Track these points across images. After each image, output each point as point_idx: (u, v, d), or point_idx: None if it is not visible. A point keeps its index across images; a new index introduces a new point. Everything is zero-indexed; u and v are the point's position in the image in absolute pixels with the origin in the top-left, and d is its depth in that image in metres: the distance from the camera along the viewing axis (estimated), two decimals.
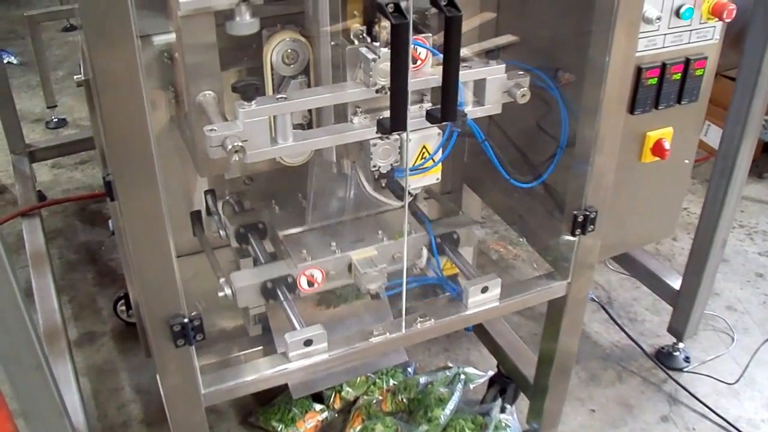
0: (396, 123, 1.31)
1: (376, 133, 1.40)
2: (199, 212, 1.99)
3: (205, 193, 1.98)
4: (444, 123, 1.46)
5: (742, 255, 3.18)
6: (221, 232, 1.90)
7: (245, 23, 1.49)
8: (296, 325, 1.62)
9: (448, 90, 1.32)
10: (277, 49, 1.55)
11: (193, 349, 1.47)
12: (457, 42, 1.29)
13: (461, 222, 1.92)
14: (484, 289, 1.73)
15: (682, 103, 1.81)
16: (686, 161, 1.96)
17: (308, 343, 1.59)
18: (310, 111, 1.61)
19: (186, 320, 1.41)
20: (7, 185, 3.56)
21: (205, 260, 1.87)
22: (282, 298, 1.71)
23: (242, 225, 1.88)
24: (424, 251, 1.84)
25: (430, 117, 1.38)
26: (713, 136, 3.21)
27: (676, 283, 2.50)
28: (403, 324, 1.68)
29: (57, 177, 3.69)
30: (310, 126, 1.62)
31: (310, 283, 1.75)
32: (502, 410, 2.27)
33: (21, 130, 3.25)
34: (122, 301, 2.68)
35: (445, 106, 1.34)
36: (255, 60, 1.61)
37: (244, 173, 1.90)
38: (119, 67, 1.11)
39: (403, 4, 1.25)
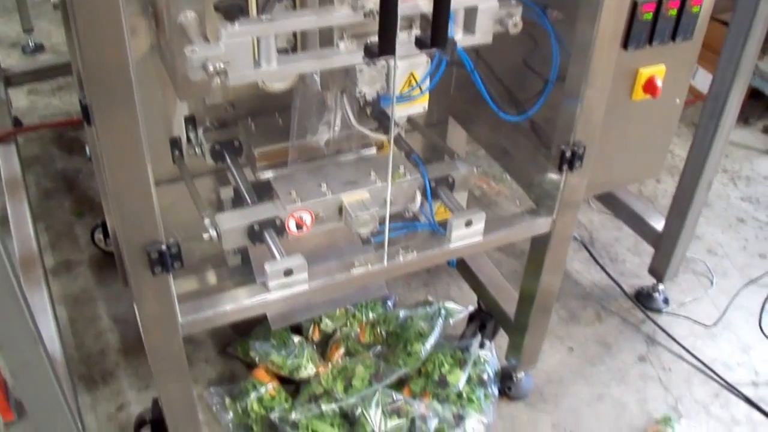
0: (384, 46, 1.26)
1: (363, 57, 1.35)
2: (178, 139, 1.94)
3: (186, 119, 1.92)
4: (433, 50, 1.40)
5: (725, 200, 3.18)
6: (197, 149, 1.85)
7: None
8: (276, 255, 1.59)
9: (438, 15, 1.27)
10: None
11: (170, 277, 1.44)
12: None
13: (456, 165, 1.86)
14: (468, 223, 1.71)
15: (677, 40, 1.77)
16: (677, 101, 1.93)
17: (288, 273, 1.57)
18: (294, 35, 1.55)
19: (163, 247, 1.38)
20: None
21: (184, 188, 1.83)
22: (270, 243, 1.64)
23: (218, 142, 1.83)
24: (418, 195, 1.80)
25: (420, 43, 1.33)
26: (702, 79, 3.19)
27: (658, 225, 2.49)
28: (386, 256, 1.65)
29: (34, 103, 3.60)
30: (295, 51, 1.57)
31: (299, 226, 1.68)
32: (481, 346, 2.27)
33: None
34: (99, 229, 2.64)
35: (435, 31, 1.29)
36: None
37: (226, 99, 1.85)
38: None
39: None
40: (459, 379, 2.12)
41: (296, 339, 2.28)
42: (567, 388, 2.32)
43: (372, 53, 1.31)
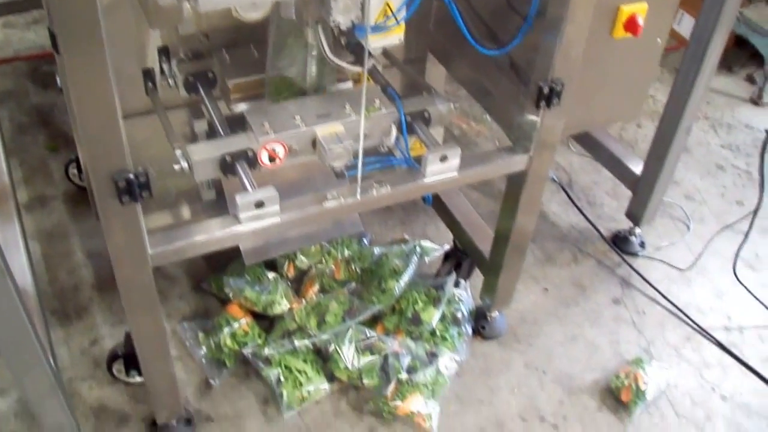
0: None
1: None
2: (151, 70, 1.90)
3: (159, 50, 1.88)
4: None
5: (705, 146, 3.18)
6: (170, 81, 1.82)
7: None
8: (248, 186, 1.57)
9: None
10: None
11: (139, 207, 1.42)
12: None
13: (433, 100, 1.81)
14: (443, 158, 1.69)
15: None
16: (658, 41, 1.90)
17: (260, 204, 1.55)
18: None
19: (131, 176, 1.35)
20: None
21: (158, 121, 1.80)
22: (241, 174, 1.61)
23: (191, 73, 1.80)
24: (393, 129, 1.77)
25: None
26: (686, 25, 3.15)
27: (637, 168, 2.49)
28: (359, 190, 1.64)
29: (8, 37, 3.52)
30: None
31: (272, 158, 1.65)
32: (456, 285, 2.28)
33: None
34: (74, 164, 2.61)
35: None
36: None
37: (200, 29, 1.81)
38: None
39: None
40: (432, 317, 2.13)
41: (271, 275, 2.27)
42: (541, 328, 2.34)
43: None
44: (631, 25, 1.77)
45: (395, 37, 1.54)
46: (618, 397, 2.13)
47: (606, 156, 2.60)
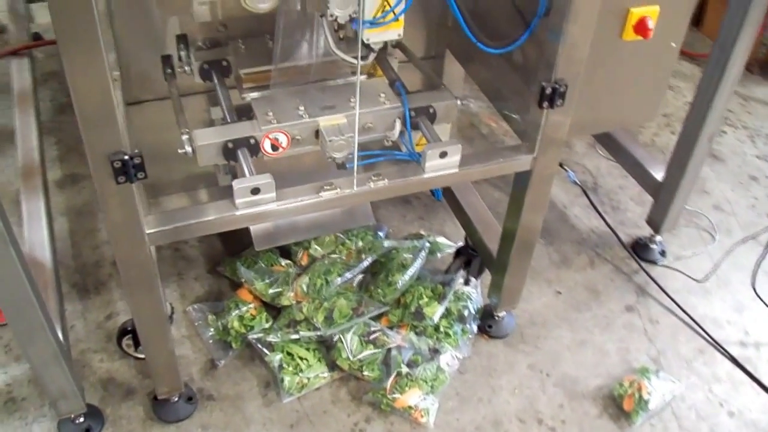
0: None
1: None
2: (170, 56, 1.96)
3: (178, 37, 1.93)
4: None
5: (740, 156, 3.11)
6: (186, 68, 1.87)
7: None
8: (246, 173, 1.61)
9: None
10: None
11: (134, 187, 1.46)
12: None
13: (440, 96, 1.83)
14: (443, 154, 1.70)
15: None
16: (673, 44, 1.88)
17: (256, 191, 1.58)
18: None
19: (126, 157, 1.40)
20: (6, 25, 3.51)
21: (184, 104, 1.85)
22: (242, 160, 1.65)
23: (206, 61, 1.85)
24: (398, 123, 1.79)
25: None
26: None
27: (659, 174, 2.45)
28: (355, 181, 1.66)
29: None
30: None
31: (275, 147, 1.69)
32: (467, 282, 2.28)
33: None
34: None
35: None
36: None
37: (216, 19, 1.85)
38: None
39: None
40: (435, 312, 2.13)
41: (284, 263, 2.31)
42: (549, 331, 2.32)
43: None
44: (641, 27, 1.75)
45: (394, 32, 1.55)
46: (620, 405, 2.11)
47: (629, 160, 2.57)
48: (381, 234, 2.45)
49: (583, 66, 1.64)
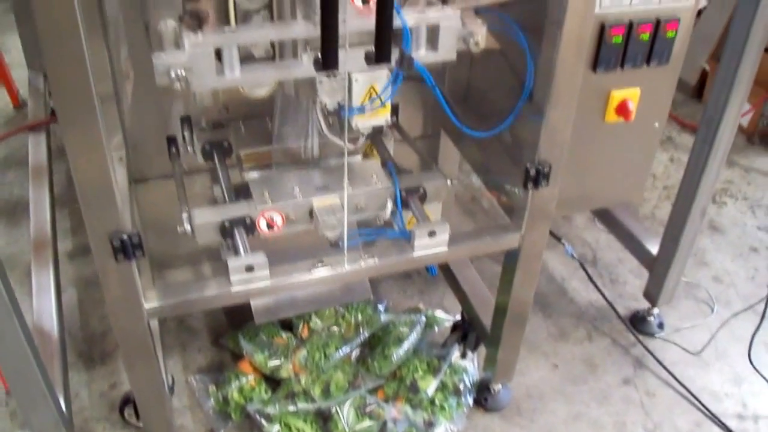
0: (326, 61, 1.34)
1: (314, 70, 1.43)
2: (174, 137, 2.05)
3: (182, 119, 2.03)
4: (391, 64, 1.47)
5: (740, 227, 3.15)
6: (189, 148, 1.96)
7: None
8: (242, 251, 1.68)
9: (381, 32, 1.34)
10: None
11: (134, 264, 1.54)
12: None
13: (431, 176, 1.90)
14: (432, 234, 1.76)
15: (651, 64, 1.79)
16: (656, 125, 1.94)
17: (250, 269, 1.65)
18: (273, 46, 1.63)
19: (125, 237, 1.47)
20: (26, 100, 3.66)
21: (189, 181, 1.93)
22: (237, 239, 1.72)
23: (208, 142, 1.93)
24: (389, 203, 1.86)
25: (367, 58, 1.40)
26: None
27: (654, 248, 2.49)
28: (345, 260, 1.72)
29: None
30: (273, 59, 1.65)
31: (270, 226, 1.76)
32: (463, 356, 2.32)
33: (39, 46, 3.32)
34: None
35: (379, 48, 1.36)
36: None
37: (218, 102, 1.95)
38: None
39: None
40: (429, 386, 2.17)
41: (285, 335, 2.36)
42: (546, 404, 2.34)
43: (318, 66, 1.38)
44: (622, 110, 1.82)
45: (382, 118, 1.62)
46: None
47: (624, 234, 2.62)
48: (381, 308, 2.49)
49: (565, 148, 1.70)
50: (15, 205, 3.10)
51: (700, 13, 3.41)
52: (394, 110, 2.07)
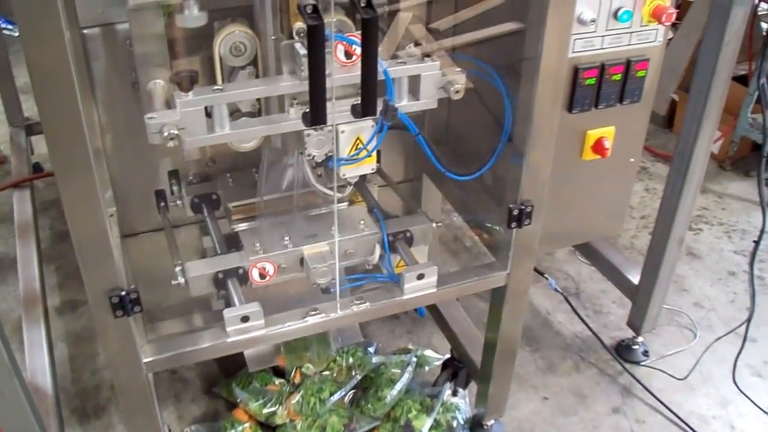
0: (315, 118, 1.39)
1: (303, 124, 1.48)
2: (163, 191, 2.09)
3: (170, 173, 2.07)
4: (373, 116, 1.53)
5: (717, 252, 3.22)
6: (178, 202, 1.99)
7: (193, 16, 1.57)
8: (236, 302, 1.71)
9: (366, 87, 1.39)
10: (224, 41, 1.62)
11: (131, 320, 1.56)
12: (374, 41, 1.36)
13: (417, 220, 1.96)
14: (420, 276, 1.81)
15: (624, 103, 1.86)
16: (631, 160, 2.01)
17: (245, 319, 1.68)
18: (258, 100, 1.69)
19: (123, 293, 1.50)
20: (8, 156, 3.68)
21: (177, 233, 1.97)
22: (231, 290, 1.77)
23: (197, 195, 1.98)
24: (377, 248, 1.90)
25: (354, 111, 1.46)
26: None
27: (635, 278, 2.55)
28: (338, 306, 1.76)
29: None
30: (260, 114, 1.70)
31: (262, 276, 1.81)
32: (455, 393, 2.35)
33: (20, 102, 3.36)
34: None
35: (365, 101, 1.42)
36: (207, 50, 1.68)
37: (205, 156, 1.99)
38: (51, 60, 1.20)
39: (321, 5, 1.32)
40: (423, 425, 2.20)
41: (278, 381, 2.38)
42: None
43: (308, 121, 1.44)
44: (598, 148, 1.88)
45: (368, 167, 1.68)
46: None
47: (606, 266, 2.68)
48: (371, 350, 2.52)
49: (546, 187, 1.76)
50: (0, 261, 3.11)
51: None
52: (377, 156, 2.12)
